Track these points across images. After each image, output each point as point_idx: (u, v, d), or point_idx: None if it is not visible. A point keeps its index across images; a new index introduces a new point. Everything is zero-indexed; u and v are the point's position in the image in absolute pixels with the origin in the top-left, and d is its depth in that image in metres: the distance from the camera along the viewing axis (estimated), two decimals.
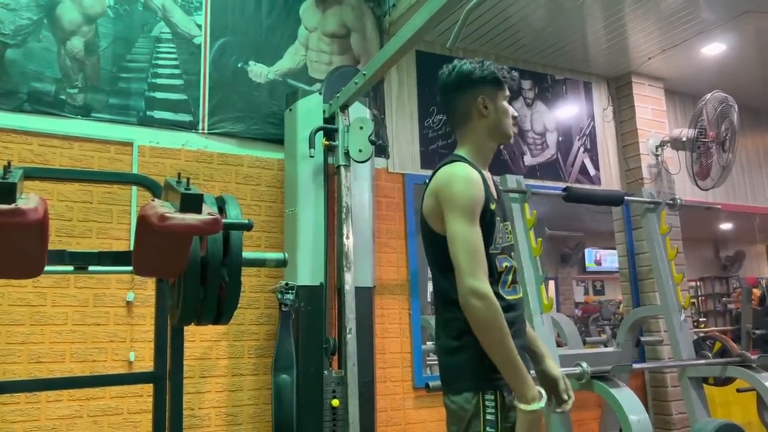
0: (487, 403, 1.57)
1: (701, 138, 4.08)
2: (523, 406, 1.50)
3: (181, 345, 2.15)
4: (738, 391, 4.12)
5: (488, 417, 1.56)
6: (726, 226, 8.89)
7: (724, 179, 4.21)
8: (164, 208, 1.36)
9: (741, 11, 3.75)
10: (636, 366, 3.48)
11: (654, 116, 4.62)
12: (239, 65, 3.33)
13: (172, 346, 2.16)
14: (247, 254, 1.84)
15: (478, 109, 1.75)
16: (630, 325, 3.99)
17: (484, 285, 1.53)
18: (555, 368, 1.76)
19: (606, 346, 5.15)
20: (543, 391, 1.57)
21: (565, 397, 1.70)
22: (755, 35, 4.10)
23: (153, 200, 1.48)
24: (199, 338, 2.99)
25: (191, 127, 3.16)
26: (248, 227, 1.60)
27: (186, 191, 1.35)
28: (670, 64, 4.47)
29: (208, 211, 1.38)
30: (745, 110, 5.13)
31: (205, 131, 3.19)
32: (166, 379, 2.15)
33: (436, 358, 1.76)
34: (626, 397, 2.63)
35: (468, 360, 1.59)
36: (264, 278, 3.16)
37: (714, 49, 4.28)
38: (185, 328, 2.12)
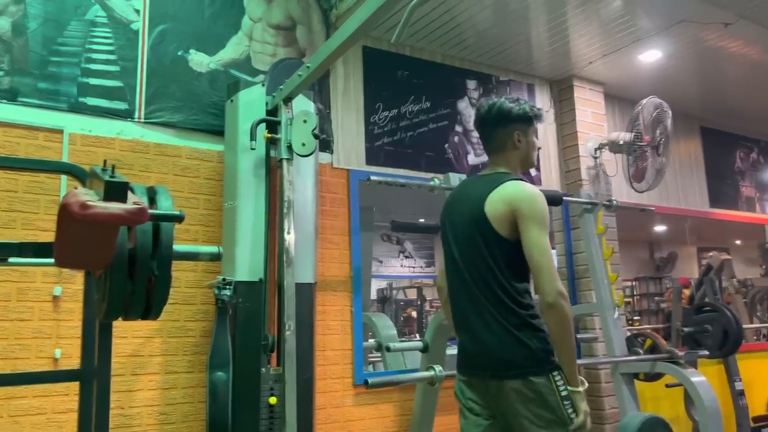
0: (557, 379, 1.93)
1: (637, 142, 4.22)
2: (578, 389, 1.94)
3: (109, 341, 2.06)
4: (667, 386, 4.28)
5: (563, 393, 1.93)
6: (660, 228, 9.26)
7: (658, 182, 4.36)
8: (87, 196, 1.30)
9: (676, 20, 3.89)
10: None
11: (594, 119, 4.75)
12: (179, 53, 3.23)
13: (100, 343, 2.07)
14: (179, 247, 1.78)
15: (513, 142, 2.14)
16: None
17: (564, 289, 1.90)
18: None
19: None
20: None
21: None
22: (690, 44, 4.27)
23: (76, 188, 1.41)
24: (131, 335, 2.88)
25: (127, 115, 3.04)
26: (179, 219, 1.54)
27: (111, 179, 1.29)
28: (610, 69, 4.60)
29: (135, 200, 1.33)
30: (679, 116, 5.33)
31: (142, 120, 3.07)
32: (93, 376, 2.07)
33: (492, 344, 1.99)
34: None
35: (540, 347, 1.94)
36: (201, 273, 3.07)
37: (651, 56, 4.43)
38: (117, 324, 2.05)
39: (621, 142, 4.31)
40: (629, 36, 4.09)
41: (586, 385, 1.98)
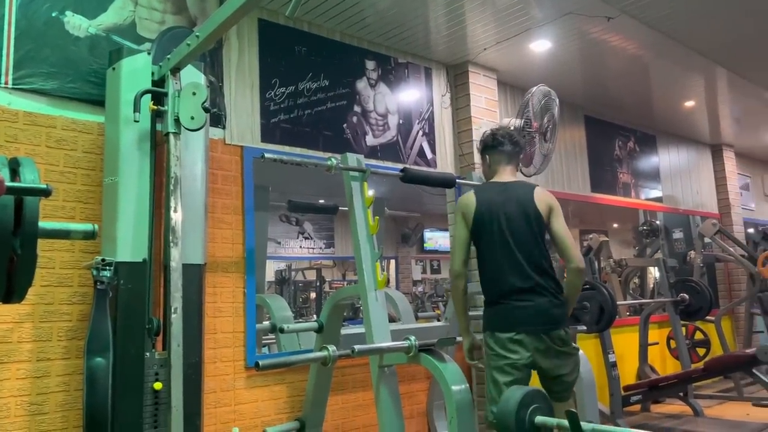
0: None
1: (527, 128, 4.39)
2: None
3: None
4: None
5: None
6: None
7: (545, 167, 4.57)
8: None
9: (564, 12, 4.07)
10: (459, 339, 3.67)
11: (487, 105, 4.89)
12: (53, 14, 2.96)
13: None
14: (47, 224, 1.64)
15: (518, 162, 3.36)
16: None
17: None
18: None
19: (438, 321, 5.41)
20: None
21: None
22: (576, 36, 4.48)
23: None
24: None
25: None
26: (45, 193, 1.41)
27: None
28: (503, 57, 4.75)
29: None
30: (566, 105, 5.63)
31: (9, 86, 2.79)
32: None
33: (552, 304, 2.75)
34: (449, 368, 2.76)
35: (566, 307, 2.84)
36: (78, 253, 2.86)
37: (541, 45, 4.61)
38: None
39: (512, 128, 4.46)
40: (521, 25, 4.23)
41: None
